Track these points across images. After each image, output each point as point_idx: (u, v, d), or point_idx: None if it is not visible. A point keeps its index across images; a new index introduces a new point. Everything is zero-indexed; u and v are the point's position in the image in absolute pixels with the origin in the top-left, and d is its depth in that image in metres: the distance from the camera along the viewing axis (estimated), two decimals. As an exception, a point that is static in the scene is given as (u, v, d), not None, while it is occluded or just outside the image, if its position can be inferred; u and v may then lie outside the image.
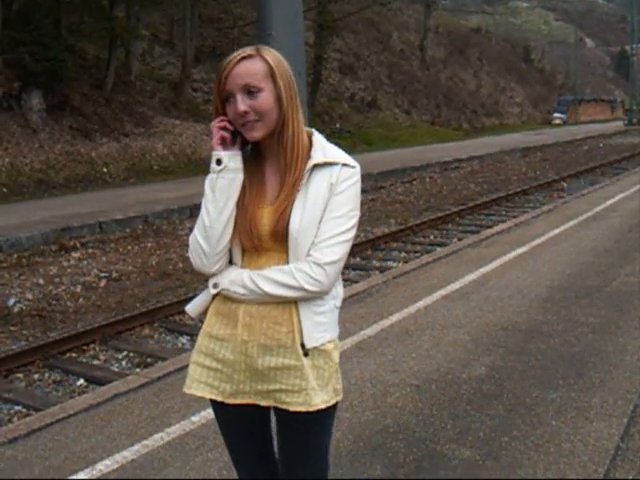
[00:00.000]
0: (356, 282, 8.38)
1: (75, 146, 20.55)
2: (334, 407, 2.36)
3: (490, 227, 12.33)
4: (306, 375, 2.25)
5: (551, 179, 20.57)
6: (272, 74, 2.19)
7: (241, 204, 2.26)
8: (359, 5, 38.53)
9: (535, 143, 33.66)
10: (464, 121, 48.05)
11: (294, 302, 2.24)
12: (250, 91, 2.17)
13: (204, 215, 2.27)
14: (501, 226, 11.57)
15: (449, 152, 27.99)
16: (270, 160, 2.29)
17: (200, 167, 20.90)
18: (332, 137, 31.60)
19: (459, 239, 11.93)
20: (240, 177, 2.24)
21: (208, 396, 2.35)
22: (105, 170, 20.54)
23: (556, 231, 10.56)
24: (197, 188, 2.32)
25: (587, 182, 20.09)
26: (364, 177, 2.33)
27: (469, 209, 15.47)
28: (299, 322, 2.24)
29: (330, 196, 2.21)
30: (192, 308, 2.40)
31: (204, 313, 2.39)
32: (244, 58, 2.19)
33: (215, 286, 2.29)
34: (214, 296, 2.33)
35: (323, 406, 2.29)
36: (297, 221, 2.19)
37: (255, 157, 2.31)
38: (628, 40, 69.99)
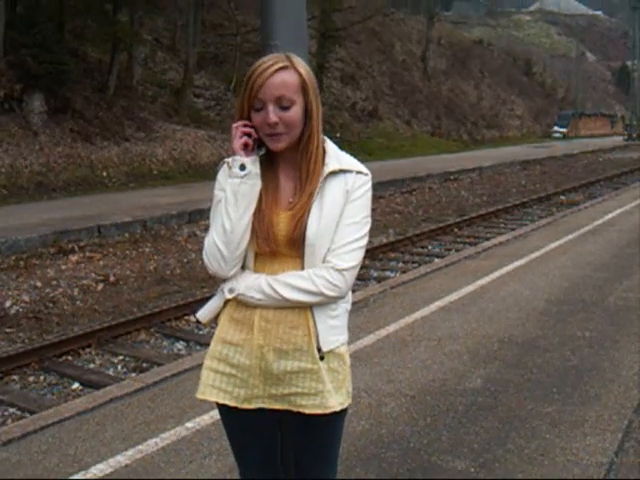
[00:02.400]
0: (353, 291, 8.37)
1: (75, 149, 20.55)
2: (346, 410, 2.39)
3: (488, 239, 12.36)
4: (322, 378, 2.28)
5: (550, 192, 20.60)
6: (304, 87, 2.21)
7: (258, 209, 2.26)
8: (362, 15, 38.62)
9: (535, 156, 33.73)
10: (464, 133, 48.10)
11: (309, 306, 2.26)
12: (282, 103, 2.17)
13: (225, 220, 2.24)
14: (499, 238, 11.58)
15: (449, 163, 28.03)
16: (284, 167, 2.31)
17: (200, 173, 20.92)
18: (332, 146, 31.58)
19: (457, 250, 11.95)
20: (260, 182, 2.26)
21: (222, 401, 2.34)
22: (105, 174, 20.54)
23: (554, 245, 10.57)
24: (196, 194, 2.32)
25: (586, 196, 20.13)
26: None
27: (468, 221, 15.49)
28: (315, 326, 2.26)
29: (345, 203, 2.24)
30: (203, 315, 2.39)
31: (214, 319, 2.39)
32: (280, 69, 2.18)
33: (231, 291, 2.29)
34: (226, 302, 2.33)
35: (338, 408, 2.33)
36: (314, 227, 2.21)
37: (268, 162, 2.31)
38: (629, 55, 70.23)
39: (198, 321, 2.39)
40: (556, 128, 61.43)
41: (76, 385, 6.53)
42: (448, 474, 3.86)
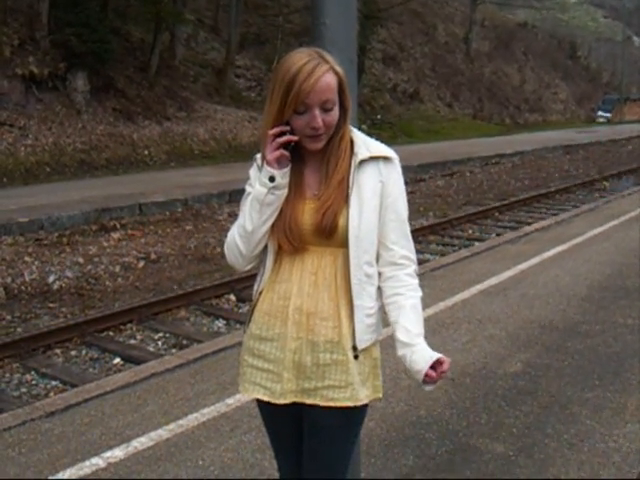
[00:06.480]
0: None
1: (117, 128, 20.75)
2: (366, 407, 2.37)
3: (530, 224, 12.24)
4: (351, 370, 2.27)
5: (593, 178, 20.32)
6: (342, 87, 2.18)
7: None
8: (405, -4, 38.28)
9: (578, 141, 33.22)
10: (506, 116, 47.57)
11: (340, 298, 2.26)
12: (326, 106, 2.14)
13: (247, 221, 2.25)
14: (541, 223, 11.48)
15: (490, 147, 27.76)
16: (311, 161, 2.28)
17: (240, 153, 20.99)
18: (373, 128, 31.60)
19: (498, 234, 11.86)
20: (286, 191, 2.23)
21: (262, 397, 2.35)
22: (146, 153, 20.72)
23: (597, 230, 10.44)
24: (237, 174, 2.33)
25: (630, 182, 19.82)
26: (403, 169, 2.36)
27: (509, 205, 15.33)
28: (351, 323, 2.26)
29: (383, 195, 2.26)
30: None
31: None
32: (324, 73, 2.13)
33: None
34: (256, 302, 2.35)
35: (366, 401, 2.32)
36: (356, 219, 2.20)
37: (293, 155, 2.26)
38: (677, 39, 68.72)
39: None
40: (600, 113, 60.37)
41: (117, 360, 6.62)
42: (486, 457, 3.86)
